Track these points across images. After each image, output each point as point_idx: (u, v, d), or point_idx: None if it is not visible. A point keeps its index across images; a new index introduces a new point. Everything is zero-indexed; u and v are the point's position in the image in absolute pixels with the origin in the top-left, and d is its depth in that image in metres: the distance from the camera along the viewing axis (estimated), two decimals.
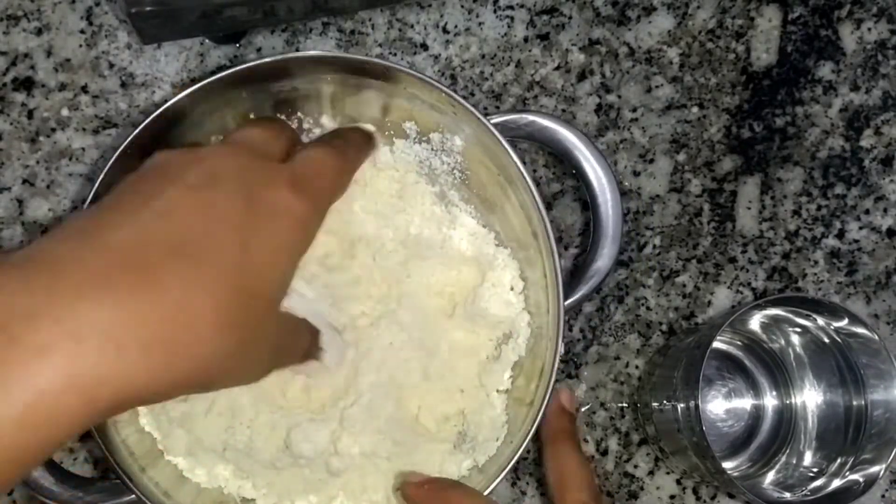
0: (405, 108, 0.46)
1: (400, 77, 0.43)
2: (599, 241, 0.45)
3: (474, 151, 0.46)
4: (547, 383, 0.42)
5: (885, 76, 0.54)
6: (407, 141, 0.47)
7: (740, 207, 0.54)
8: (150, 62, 0.52)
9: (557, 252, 0.42)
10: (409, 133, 0.47)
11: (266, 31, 0.52)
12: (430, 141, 0.47)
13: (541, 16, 0.53)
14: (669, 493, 0.52)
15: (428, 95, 0.44)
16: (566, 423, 0.46)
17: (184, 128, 0.44)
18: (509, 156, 0.42)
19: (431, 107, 0.45)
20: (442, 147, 0.47)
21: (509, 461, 0.42)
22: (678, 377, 0.46)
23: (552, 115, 0.46)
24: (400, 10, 0.53)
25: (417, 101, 0.45)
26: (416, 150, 0.47)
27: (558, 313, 0.42)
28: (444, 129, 0.46)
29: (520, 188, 0.43)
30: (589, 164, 0.45)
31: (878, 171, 0.54)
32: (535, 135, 0.45)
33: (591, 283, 0.45)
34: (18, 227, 0.51)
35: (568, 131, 0.45)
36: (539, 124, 0.45)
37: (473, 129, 0.44)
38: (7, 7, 0.52)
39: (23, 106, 0.51)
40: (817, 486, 0.47)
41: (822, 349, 0.49)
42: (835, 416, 0.49)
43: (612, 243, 0.45)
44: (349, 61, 0.43)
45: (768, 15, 0.54)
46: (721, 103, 0.54)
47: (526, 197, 0.43)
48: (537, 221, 0.43)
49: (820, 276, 0.53)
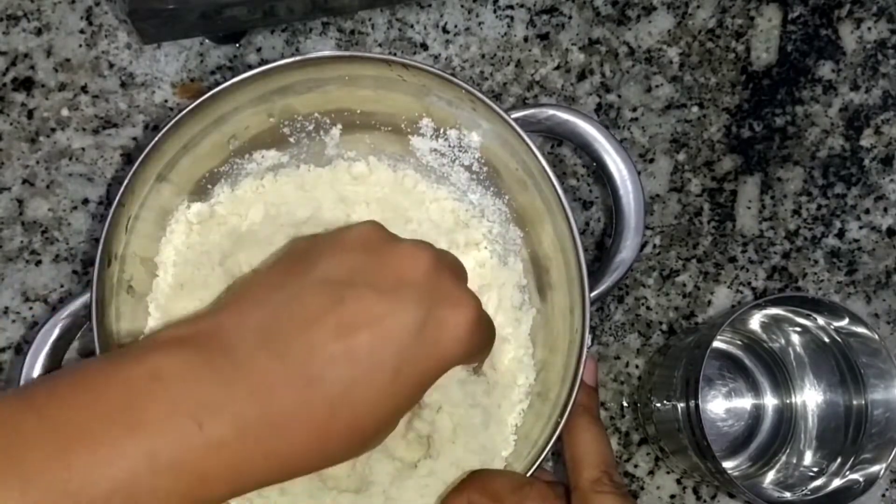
0: (421, 105, 0.46)
1: (419, 74, 0.43)
2: (622, 232, 0.45)
3: (493, 147, 0.46)
4: (571, 382, 0.42)
5: (885, 76, 0.54)
6: (424, 138, 0.47)
7: (740, 207, 0.54)
8: (150, 62, 0.52)
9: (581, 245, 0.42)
10: (425, 130, 0.47)
11: (266, 31, 0.52)
12: (448, 138, 0.47)
13: (541, 15, 0.53)
14: (669, 493, 0.52)
15: (445, 92, 0.44)
16: (585, 397, 0.44)
17: (207, 126, 0.44)
18: (530, 151, 0.42)
19: (449, 103, 0.45)
20: (459, 144, 0.47)
21: (532, 464, 0.41)
22: (678, 377, 0.46)
23: (572, 109, 0.46)
24: (400, 9, 0.53)
25: (434, 97, 0.45)
26: (432, 147, 0.47)
27: (583, 306, 0.42)
28: (461, 126, 0.46)
29: (541, 182, 0.43)
30: (610, 157, 0.45)
31: (878, 171, 0.54)
32: (554, 129, 0.45)
33: (615, 275, 0.45)
34: (18, 227, 0.51)
35: (588, 124, 0.45)
36: (559, 118, 0.45)
37: (492, 125, 0.44)
38: (7, 7, 0.52)
39: (23, 106, 0.51)
40: (817, 485, 0.47)
41: (822, 349, 0.49)
42: (835, 415, 0.49)
43: (636, 234, 0.45)
44: (376, 60, 0.43)
45: (768, 14, 0.54)
46: (721, 103, 0.54)
47: (547, 191, 0.43)
48: (560, 215, 0.43)
49: (820, 275, 0.53)
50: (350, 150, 0.48)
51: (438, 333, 0.33)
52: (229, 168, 0.47)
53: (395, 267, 0.34)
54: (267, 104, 0.45)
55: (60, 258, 0.51)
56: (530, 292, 0.47)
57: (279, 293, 0.33)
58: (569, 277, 0.43)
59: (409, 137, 0.47)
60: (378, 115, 0.47)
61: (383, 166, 0.48)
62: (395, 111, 0.46)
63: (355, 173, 0.48)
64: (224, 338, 0.31)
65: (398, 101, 0.45)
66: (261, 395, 0.30)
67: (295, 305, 0.32)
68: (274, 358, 0.31)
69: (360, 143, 0.48)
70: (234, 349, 0.31)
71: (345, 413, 0.32)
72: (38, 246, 0.51)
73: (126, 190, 0.41)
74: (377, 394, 0.32)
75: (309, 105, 0.46)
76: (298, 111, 0.46)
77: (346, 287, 0.33)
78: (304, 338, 0.31)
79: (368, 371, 0.32)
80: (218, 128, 0.44)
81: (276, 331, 0.32)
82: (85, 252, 0.51)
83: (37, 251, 0.51)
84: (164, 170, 0.43)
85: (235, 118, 0.45)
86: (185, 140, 0.43)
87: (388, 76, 0.44)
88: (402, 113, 0.46)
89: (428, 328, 0.33)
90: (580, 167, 0.53)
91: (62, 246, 0.51)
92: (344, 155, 0.48)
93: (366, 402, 0.32)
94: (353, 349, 0.31)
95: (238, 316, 0.33)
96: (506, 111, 0.43)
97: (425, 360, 0.33)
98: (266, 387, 0.30)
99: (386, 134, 0.48)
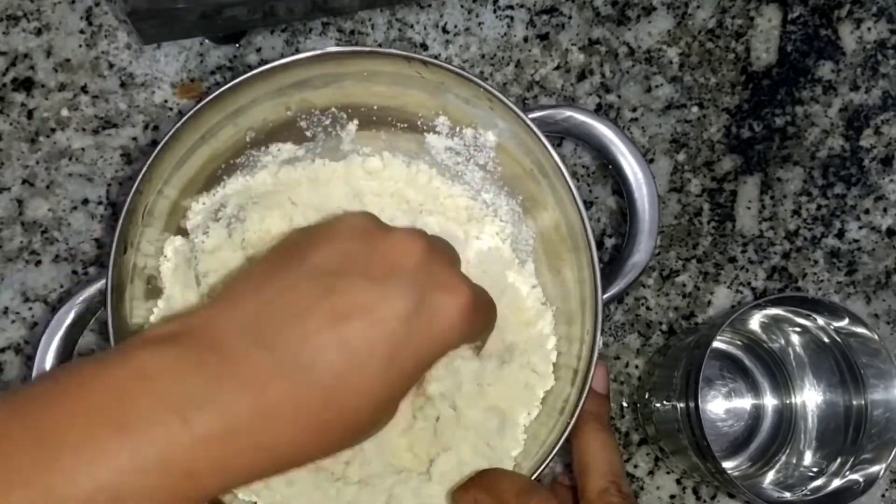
0: (437, 103, 0.46)
1: (437, 72, 0.43)
2: (636, 235, 0.45)
3: (509, 147, 0.46)
4: (581, 385, 0.41)
5: (885, 76, 0.54)
6: (439, 136, 0.47)
7: (740, 207, 0.54)
8: (150, 62, 0.52)
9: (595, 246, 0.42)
10: (441, 128, 0.47)
11: (266, 31, 0.52)
12: (464, 136, 0.47)
13: (540, 16, 0.53)
14: (669, 493, 0.52)
15: (463, 90, 0.44)
16: (594, 404, 0.43)
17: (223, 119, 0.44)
18: (546, 151, 0.42)
19: (466, 101, 0.45)
20: (475, 143, 0.47)
21: (541, 463, 0.41)
22: (678, 377, 0.46)
23: (589, 111, 0.46)
24: (400, 10, 0.53)
25: (451, 95, 0.45)
26: (447, 145, 0.47)
27: (596, 308, 0.42)
28: (477, 125, 0.46)
29: (555, 182, 0.43)
30: (625, 159, 0.45)
31: (877, 171, 0.54)
32: (571, 130, 0.45)
33: (628, 278, 0.45)
34: (18, 227, 0.51)
35: (605, 126, 0.45)
36: (576, 119, 0.45)
37: (509, 125, 0.44)
38: (7, 7, 0.52)
39: (22, 106, 0.51)
40: (817, 485, 0.47)
41: (822, 349, 0.49)
42: (835, 415, 0.49)
43: (649, 237, 0.45)
44: (395, 56, 0.43)
45: (768, 15, 0.54)
46: (721, 103, 0.54)
47: (562, 191, 0.43)
48: (574, 216, 0.43)
49: (820, 275, 0.53)
50: (365, 146, 0.48)
51: (432, 319, 0.33)
52: (245, 160, 0.47)
53: (386, 255, 0.34)
54: (285, 98, 0.45)
55: (60, 258, 0.51)
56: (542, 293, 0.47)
57: (270, 285, 0.33)
58: (581, 279, 0.43)
59: (425, 135, 0.47)
60: (394, 112, 0.47)
61: (397, 161, 0.48)
62: (412, 108, 0.46)
63: (369, 168, 0.48)
64: (213, 333, 0.31)
65: (415, 98, 0.46)
66: (251, 388, 0.30)
67: (286, 296, 0.32)
68: (265, 350, 0.31)
69: (375, 139, 0.48)
70: (224, 343, 0.31)
71: (338, 402, 0.31)
72: (37, 246, 0.51)
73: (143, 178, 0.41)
74: (371, 381, 0.32)
75: (326, 100, 0.46)
76: (316, 105, 0.46)
77: (337, 276, 0.32)
78: (296, 328, 0.31)
79: (361, 359, 0.32)
80: (235, 119, 0.44)
81: (267, 323, 0.32)
82: (84, 252, 0.51)
83: (37, 251, 0.51)
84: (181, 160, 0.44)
85: (253, 110, 0.45)
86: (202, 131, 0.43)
87: (406, 73, 0.44)
88: (419, 110, 0.46)
89: (421, 314, 0.33)
90: (580, 167, 0.53)
91: (62, 246, 0.51)
92: (359, 150, 0.48)
93: (360, 390, 0.32)
94: (345, 337, 0.31)
95: (229, 310, 0.32)
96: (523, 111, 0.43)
97: (419, 346, 0.33)
98: (256, 379, 0.30)
99: (402, 131, 0.48)
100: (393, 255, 0.34)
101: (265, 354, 0.31)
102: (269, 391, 0.30)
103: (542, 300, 0.47)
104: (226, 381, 0.30)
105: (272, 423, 0.30)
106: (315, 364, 0.31)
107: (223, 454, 0.30)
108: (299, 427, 0.31)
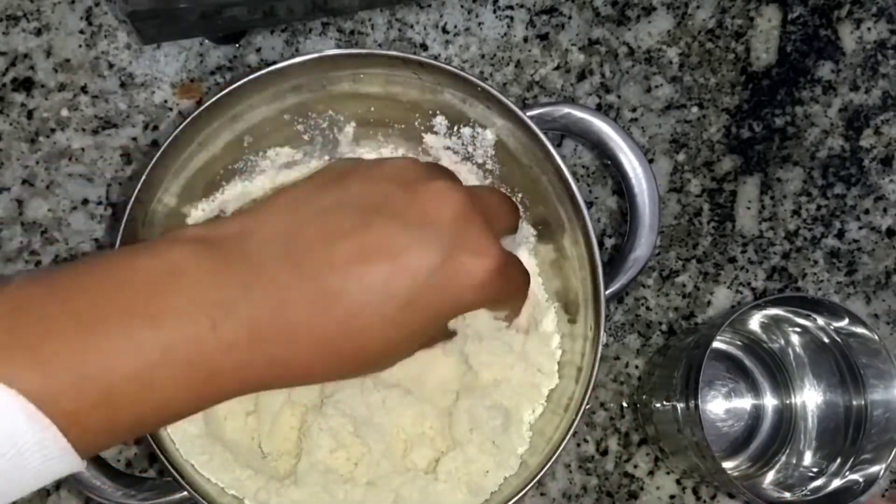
0: (435, 103, 0.46)
1: (434, 72, 0.43)
2: (637, 230, 0.45)
3: (507, 145, 0.46)
4: (586, 381, 0.42)
5: (885, 76, 0.54)
6: (437, 136, 0.47)
7: (740, 207, 0.54)
8: (150, 62, 0.52)
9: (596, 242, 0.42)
10: (439, 128, 0.47)
11: (266, 31, 0.52)
12: (462, 136, 0.47)
13: (540, 16, 0.53)
14: (669, 493, 0.52)
15: (460, 90, 0.44)
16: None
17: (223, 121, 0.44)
18: (545, 148, 0.42)
19: (463, 100, 0.45)
20: (473, 142, 0.47)
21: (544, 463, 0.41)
22: (678, 377, 0.46)
23: (587, 107, 0.46)
24: (400, 10, 0.53)
25: (448, 95, 0.45)
26: (445, 144, 0.47)
27: (598, 302, 0.42)
28: (474, 123, 0.46)
29: (555, 180, 0.43)
30: (624, 155, 0.45)
31: (877, 171, 0.54)
32: (569, 127, 0.45)
33: (629, 273, 0.45)
34: (18, 228, 0.51)
35: (603, 122, 0.45)
36: (574, 116, 0.45)
37: (507, 122, 0.44)
38: (7, 7, 0.52)
39: (22, 106, 0.51)
40: (817, 485, 0.47)
41: (821, 349, 0.49)
42: (835, 416, 0.49)
43: (650, 232, 0.45)
44: (391, 58, 0.43)
45: (768, 15, 0.54)
46: (721, 103, 0.54)
47: (562, 188, 0.43)
48: (573, 213, 0.43)
49: (820, 275, 0.53)
50: (363, 148, 0.48)
51: (454, 276, 0.34)
52: (243, 165, 0.47)
53: (425, 203, 0.34)
54: (281, 101, 0.45)
55: (60, 258, 0.51)
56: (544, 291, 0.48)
57: (308, 206, 0.34)
58: (583, 275, 0.43)
59: (423, 135, 0.47)
60: (392, 113, 0.47)
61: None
62: (409, 109, 0.46)
63: None
64: (246, 242, 0.32)
65: (412, 98, 0.46)
66: (274, 303, 0.31)
67: (322, 221, 0.33)
68: (292, 267, 0.32)
69: (373, 140, 0.48)
70: (255, 254, 0.32)
71: (352, 333, 0.32)
72: (37, 246, 0.51)
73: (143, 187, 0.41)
74: (385, 321, 0.33)
75: (323, 103, 0.46)
76: (313, 108, 0.46)
77: (374, 213, 0.33)
78: (324, 254, 0.32)
79: (380, 298, 0.32)
80: (232, 125, 0.44)
81: (298, 242, 0.32)
82: (84, 252, 0.51)
83: (37, 251, 0.51)
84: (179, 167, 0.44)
85: (250, 115, 0.45)
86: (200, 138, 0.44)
87: (403, 74, 0.44)
88: (416, 110, 0.46)
89: (445, 269, 0.33)
90: (580, 167, 0.53)
91: (62, 246, 0.51)
92: (357, 152, 0.48)
93: (373, 327, 0.33)
94: (368, 276, 0.32)
95: (264, 223, 0.33)
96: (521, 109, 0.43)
97: (438, 299, 0.34)
98: (280, 295, 0.31)
99: (399, 131, 0.48)
100: (431, 205, 0.34)
101: (291, 272, 0.32)
102: (290, 309, 0.31)
103: (544, 298, 0.47)
104: (253, 291, 0.31)
105: (288, 341, 0.32)
106: (336, 294, 0.32)
107: (242, 362, 0.31)
108: (313, 350, 0.32)
